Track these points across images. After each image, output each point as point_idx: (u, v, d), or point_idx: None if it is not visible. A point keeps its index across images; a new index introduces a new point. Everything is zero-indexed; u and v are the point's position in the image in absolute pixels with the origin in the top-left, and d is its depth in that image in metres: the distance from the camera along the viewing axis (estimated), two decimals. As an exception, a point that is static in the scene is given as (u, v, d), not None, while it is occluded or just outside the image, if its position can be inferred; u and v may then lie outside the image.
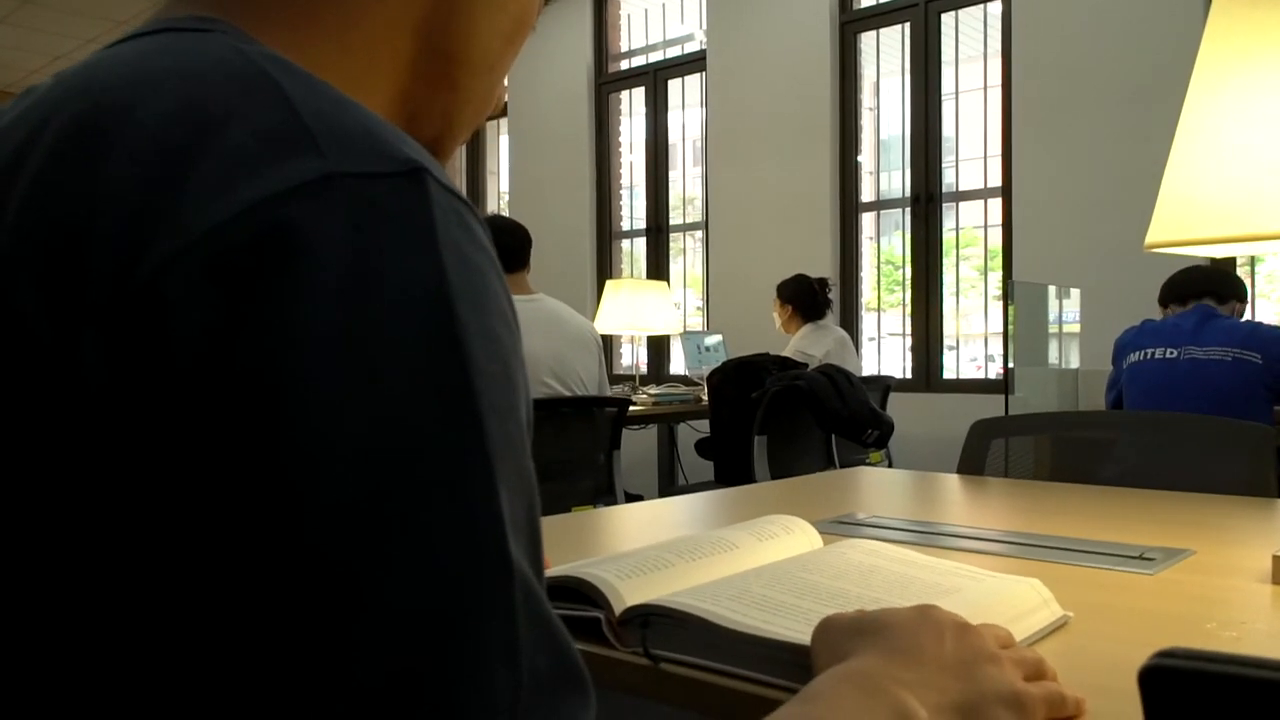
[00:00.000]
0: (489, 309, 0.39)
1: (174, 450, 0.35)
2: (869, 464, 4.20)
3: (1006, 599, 0.75)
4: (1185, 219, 0.90)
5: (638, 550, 0.85)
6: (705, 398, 4.08)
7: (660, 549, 0.83)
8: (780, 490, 1.69)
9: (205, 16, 0.48)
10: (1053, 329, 4.27)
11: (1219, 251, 0.97)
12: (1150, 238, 0.91)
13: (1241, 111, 0.89)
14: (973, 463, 1.72)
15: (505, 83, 0.67)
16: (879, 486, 1.67)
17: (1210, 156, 0.90)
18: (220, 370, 0.35)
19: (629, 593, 0.73)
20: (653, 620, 0.70)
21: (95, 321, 0.35)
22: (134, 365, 0.35)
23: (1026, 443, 1.74)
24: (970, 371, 5.51)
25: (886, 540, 1.09)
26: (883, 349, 5.56)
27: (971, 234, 5.22)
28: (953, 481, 1.64)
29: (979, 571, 0.83)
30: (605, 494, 3.05)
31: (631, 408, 3.77)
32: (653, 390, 4.52)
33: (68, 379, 0.36)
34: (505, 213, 7.16)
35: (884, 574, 0.79)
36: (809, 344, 4.25)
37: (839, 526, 1.20)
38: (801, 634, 0.65)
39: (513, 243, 3.02)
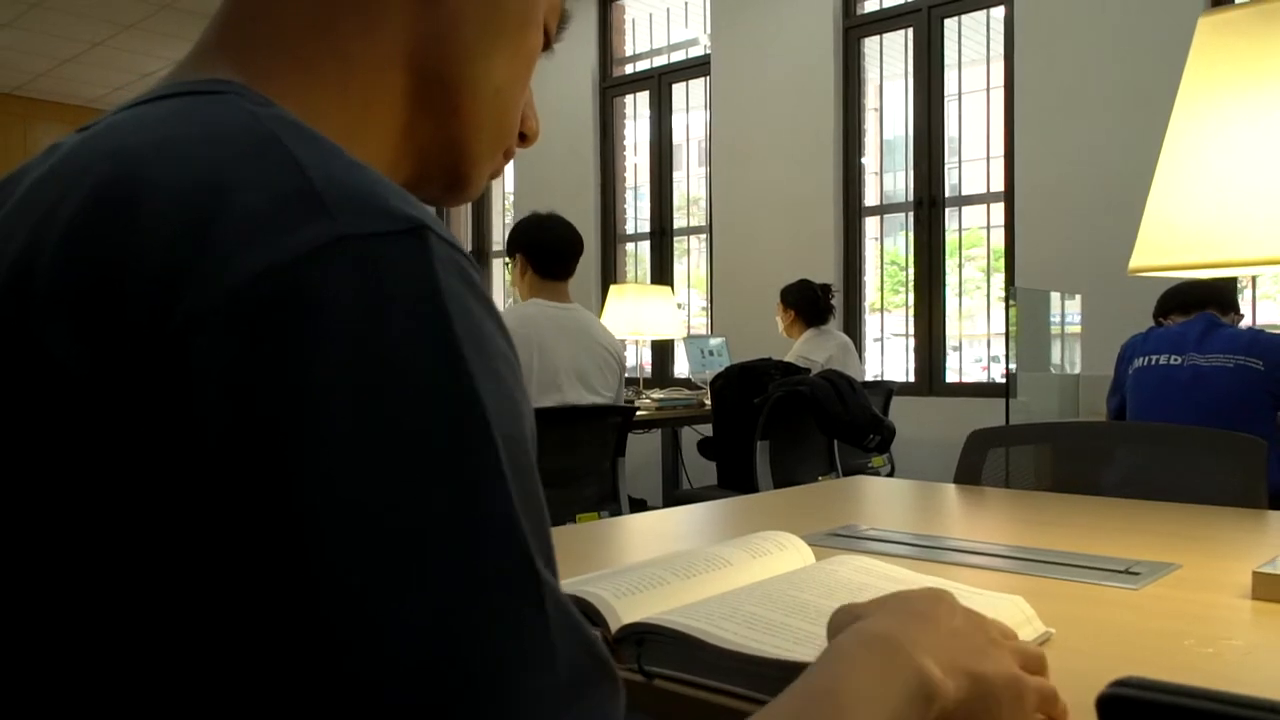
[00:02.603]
0: (490, 351, 0.42)
1: (195, 486, 0.37)
2: (871, 468, 4.22)
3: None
4: (1169, 244, 0.92)
5: (635, 566, 0.88)
6: (708, 402, 4.11)
7: (656, 566, 0.85)
8: (781, 500, 1.71)
9: (219, 79, 0.51)
10: (1055, 332, 4.29)
11: (1202, 275, 0.99)
12: (1134, 262, 0.93)
13: (1223, 139, 0.91)
14: (970, 472, 1.74)
15: (534, 109, 0.67)
16: (877, 497, 1.69)
17: (1193, 183, 0.92)
18: (240, 417, 0.37)
19: (625, 610, 0.76)
20: (648, 638, 0.73)
21: (128, 368, 0.38)
22: (161, 410, 0.38)
23: (1022, 453, 1.77)
24: (974, 371, 5.53)
25: (882, 553, 1.12)
26: (887, 350, 5.58)
27: (976, 234, 5.24)
28: (950, 492, 1.66)
29: (964, 588, 0.85)
30: (610, 500, 3.07)
31: (636, 413, 3.79)
32: (656, 395, 4.55)
33: (98, 419, 0.38)
34: (510, 215, 7.20)
35: (872, 591, 0.82)
36: (811, 349, 4.28)
37: (836, 539, 1.22)
38: (790, 652, 0.67)
39: (564, 249, 3.00)
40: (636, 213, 6.65)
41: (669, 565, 0.86)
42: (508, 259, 3.05)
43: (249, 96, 0.49)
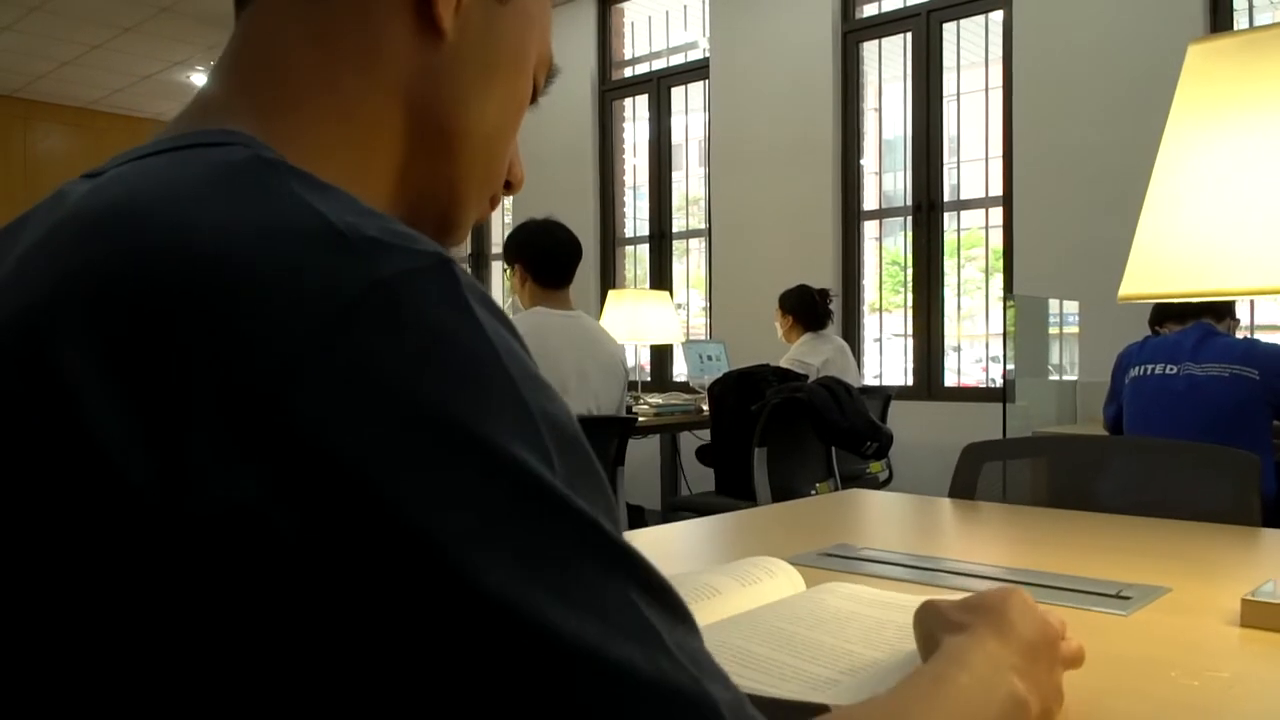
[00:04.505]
0: (528, 362, 0.44)
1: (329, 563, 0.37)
2: (870, 474, 4.23)
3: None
4: (1158, 271, 0.92)
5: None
6: (706, 408, 4.11)
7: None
8: (775, 516, 1.72)
9: (225, 130, 0.51)
10: (1053, 337, 4.30)
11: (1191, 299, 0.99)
12: (1124, 289, 0.94)
13: (1212, 167, 0.91)
14: (964, 486, 1.75)
15: (520, 158, 0.69)
16: (872, 513, 1.69)
17: (1182, 210, 0.92)
18: (323, 467, 0.37)
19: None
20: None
21: (199, 439, 0.38)
22: (246, 471, 0.37)
23: (1017, 465, 1.77)
24: (975, 371, 5.52)
25: (874, 574, 1.12)
26: (886, 352, 5.57)
27: (976, 234, 5.24)
28: (945, 507, 1.66)
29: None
30: (607, 509, 3.07)
31: (636, 421, 3.78)
32: (655, 400, 4.55)
33: (165, 490, 0.37)
34: (509, 216, 7.20)
35: (860, 621, 0.82)
36: (807, 353, 4.28)
37: (829, 559, 1.23)
38: (775, 689, 0.68)
39: (563, 256, 2.98)
40: (636, 215, 6.66)
41: (658, 594, 0.86)
42: (506, 267, 3.04)
43: (256, 146, 0.49)
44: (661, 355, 6.37)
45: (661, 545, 1.46)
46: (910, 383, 5.21)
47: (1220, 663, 0.83)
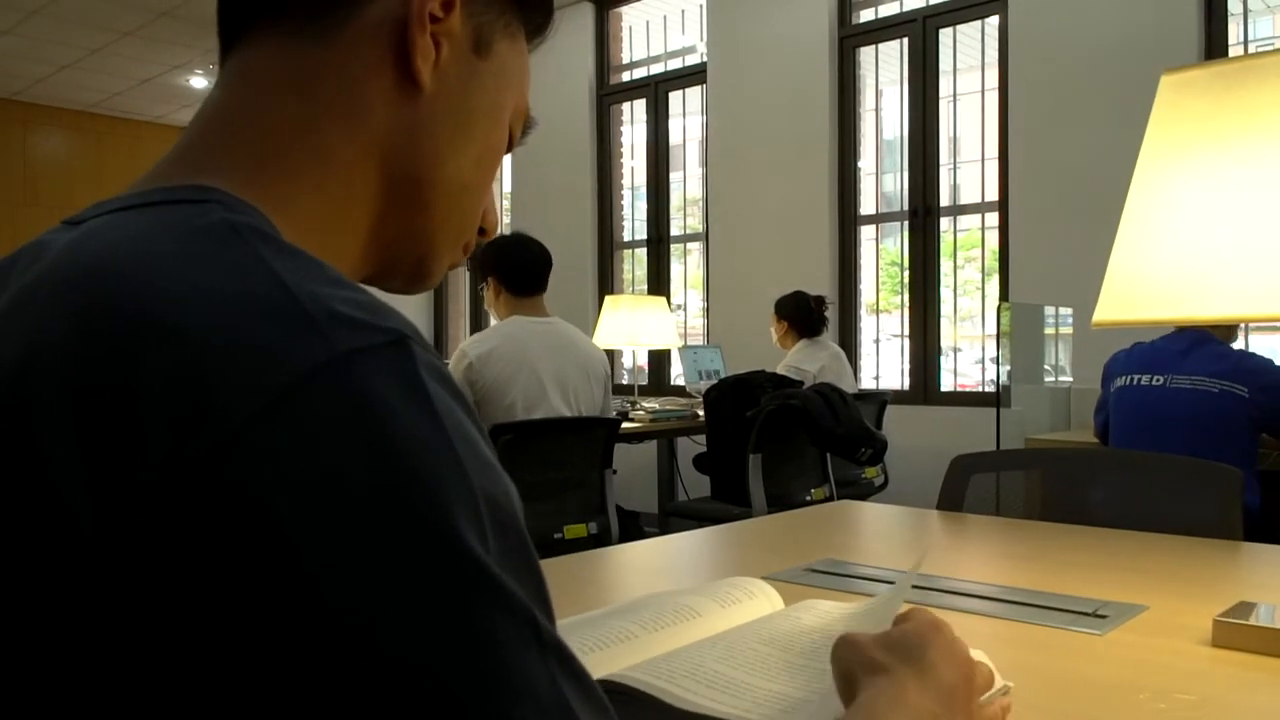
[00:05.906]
0: (473, 439, 0.45)
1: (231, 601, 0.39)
2: (865, 479, 4.24)
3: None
4: (1131, 299, 0.94)
5: (607, 614, 0.90)
6: (702, 413, 4.13)
7: (625, 618, 0.87)
8: (764, 529, 1.73)
9: (201, 185, 0.52)
10: (1049, 338, 4.31)
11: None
12: (1098, 315, 0.95)
13: (1182, 196, 0.93)
14: (952, 497, 1.76)
15: (495, 203, 0.71)
16: (860, 525, 1.71)
17: (1154, 239, 0.94)
18: (262, 535, 0.39)
19: (591, 666, 0.77)
20: (612, 695, 0.74)
21: (146, 499, 0.39)
22: (187, 535, 0.39)
23: (1004, 477, 1.79)
24: (974, 371, 5.53)
25: (858, 591, 1.14)
26: (883, 356, 5.57)
27: (974, 235, 5.24)
28: (931, 520, 1.68)
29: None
30: (598, 512, 3.09)
31: (630, 425, 3.81)
32: (650, 405, 4.57)
33: (112, 547, 0.39)
34: (507, 223, 7.21)
35: (834, 639, 0.83)
36: (803, 359, 4.30)
37: (812, 575, 1.24)
38: (747, 711, 0.69)
39: (535, 265, 3.05)
40: (634, 218, 6.67)
41: (638, 617, 0.87)
42: (481, 284, 3.10)
43: (229, 204, 0.50)
44: (659, 360, 6.38)
45: (652, 558, 1.48)
46: (906, 386, 5.22)
47: (1190, 684, 0.85)
